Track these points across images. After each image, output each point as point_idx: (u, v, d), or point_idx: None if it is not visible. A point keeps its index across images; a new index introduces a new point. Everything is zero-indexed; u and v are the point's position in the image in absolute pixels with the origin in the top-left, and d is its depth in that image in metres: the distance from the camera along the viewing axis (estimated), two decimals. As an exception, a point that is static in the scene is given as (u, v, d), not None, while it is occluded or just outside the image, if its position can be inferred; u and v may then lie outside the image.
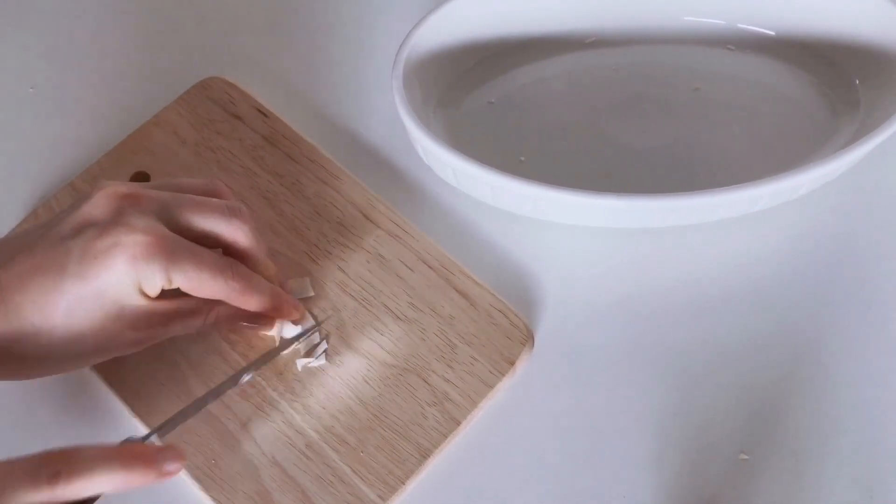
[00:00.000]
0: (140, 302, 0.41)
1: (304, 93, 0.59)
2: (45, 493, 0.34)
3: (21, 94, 0.60)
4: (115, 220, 0.40)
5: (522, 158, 0.54)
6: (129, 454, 0.37)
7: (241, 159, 0.55)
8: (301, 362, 0.47)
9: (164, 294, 0.42)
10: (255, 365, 0.47)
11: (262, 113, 0.56)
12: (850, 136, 0.52)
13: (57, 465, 0.35)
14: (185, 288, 0.41)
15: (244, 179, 0.54)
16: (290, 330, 0.48)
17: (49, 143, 0.57)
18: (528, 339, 0.48)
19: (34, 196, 0.55)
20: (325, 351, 0.48)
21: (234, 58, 0.60)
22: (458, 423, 0.46)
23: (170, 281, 0.41)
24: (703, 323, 0.49)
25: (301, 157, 0.54)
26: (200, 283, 0.41)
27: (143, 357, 0.47)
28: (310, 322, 0.48)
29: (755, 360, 0.48)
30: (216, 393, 0.45)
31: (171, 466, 0.38)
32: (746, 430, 0.46)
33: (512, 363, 0.47)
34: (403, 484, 0.44)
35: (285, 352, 0.48)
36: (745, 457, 0.45)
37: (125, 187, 0.42)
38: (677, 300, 0.50)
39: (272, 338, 0.48)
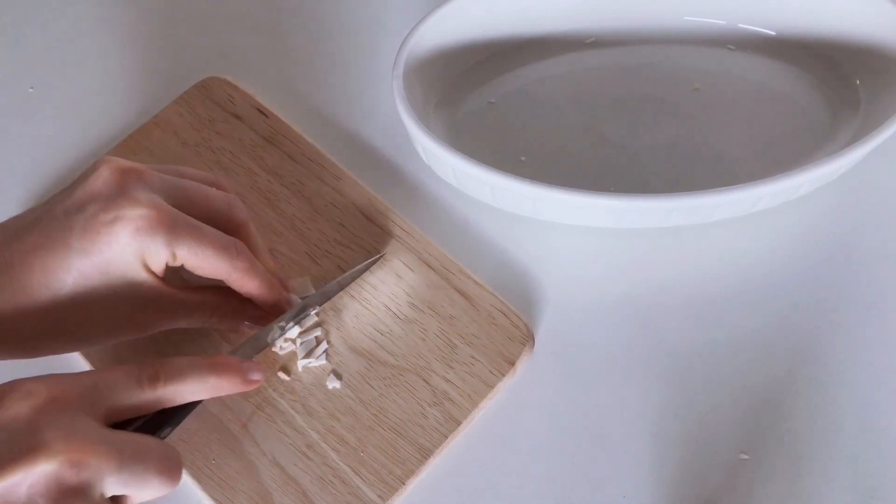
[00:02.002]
0: (147, 280, 0.41)
1: (304, 93, 0.59)
2: (148, 393, 0.38)
3: (21, 94, 0.60)
4: (118, 194, 0.40)
5: (523, 158, 0.54)
6: (219, 363, 0.40)
7: (241, 159, 0.55)
8: (301, 362, 0.47)
9: (173, 283, 0.42)
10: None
11: (262, 113, 0.56)
12: (850, 136, 0.52)
13: (155, 369, 0.38)
14: (188, 264, 0.41)
15: (244, 179, 0.54)
16: (291, 330, 0.48)
17: (49, 143, 0.57)
18: (528, 339, 0.48)
19: (34, 196, 0.55)
20: (325, 351, 0.48)
21: (234, 58, 0.60)
22: (459, 423, 0.46)
23: (174, 255, 0.40)
24: (704, 323, 0.49)
25: (301, 157, 0.54)
26: (204, 258, 0.41)
27: (143, 356, 0.47)
28: (311, 317, 0.49)
29: (755, 360, 0.48)
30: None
31: (255, 375, 0.41)
32: (746, 430, 0.46)
33: (512, 363, 0.47)
34: (404, 484, 0.44)
35: (284, 352, 0.48)
36: (745, 457, 0.45)
37: (128, 162, 0.42)
38: (677, 300, 0.50)
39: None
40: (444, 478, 0.45)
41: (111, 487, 0.35)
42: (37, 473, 0.33)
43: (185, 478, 0.45)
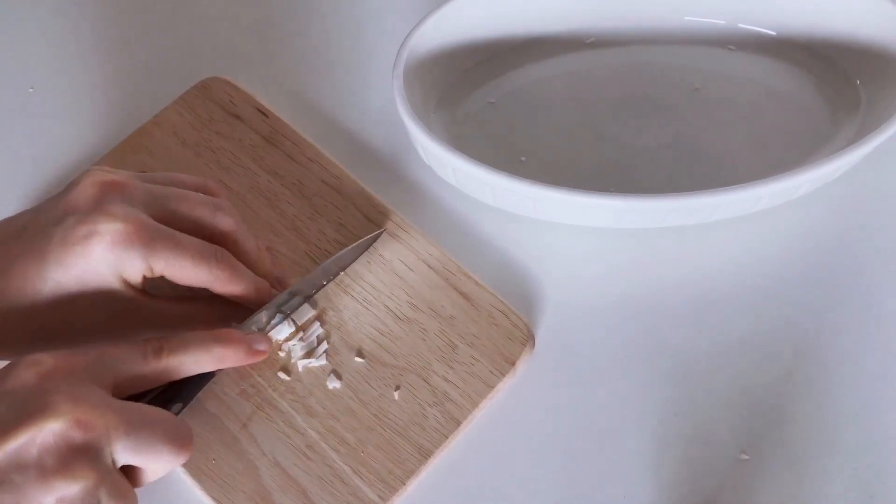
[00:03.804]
0: (125, 292, 0.41)
1: (304, 93, 0.59)
2: (153, 364, 0.39)
3: (21, 94, 0.60)
4: (95, 208, 0.41)
5: (523, 158, 0.54)
6: (223, 333, 0.42)
7: (241, 159, 0.55)
8: (301, 362, 0.47)
9: (157, 292, 0.43)
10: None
11: (262, 113, 0.56)
12: (850, 136, 0.52)
13: (160, 342, 0.40)
14: (167, 275, 0.42)
15: (244, 179, 0.54)
16: (283, 331, 0.48)
17: (49, 143, 0.57)
18: (528, 339, 0.48)
19: (34, 196, 0.55)
20: (325, 351, 0.48)
21: (234, 58, 0.60)
22: (459, 424, 0.46)
23: (150, 269, 0.41)
24: (704, 323, 0.49)
25: (301, 157, 0.54)
26: (182, 269, 0.41)
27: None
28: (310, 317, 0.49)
29: (755, 360, 0.48)
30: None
31: (261, 346, 0.43)
32: (746, 430, 0.46)
33: (512, 363, 0.47)
34: (404, 484, 0.44)
35: (284, 353, 0.48)
36: (745, 457, 0.46)
37: (111, 174, 0.42)
38: (677, 300, 0.50)
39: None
40: (444, 478, 0.45)
41: (121, 454, 0.36)
42: (45, 433, 0.34)
43: (185, 478, 0.45)
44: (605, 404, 0.47)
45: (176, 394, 0.40)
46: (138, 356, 0.39)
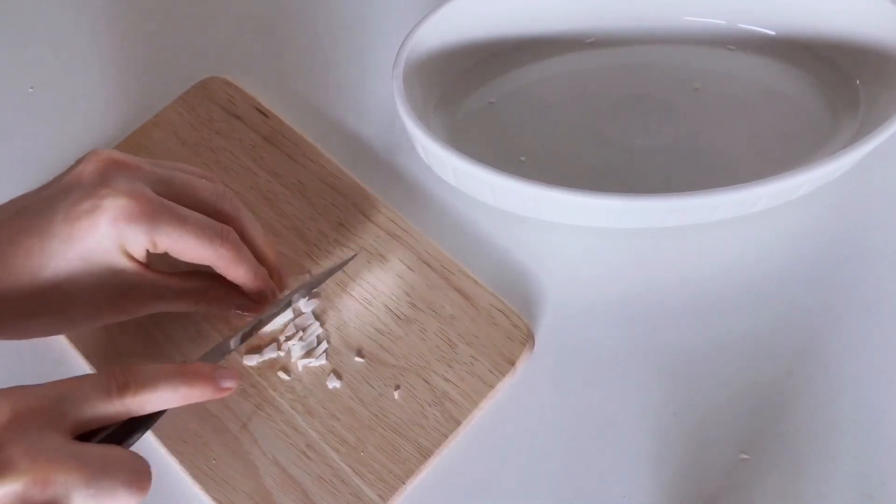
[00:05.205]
0: (128, 266, 0.41)
1: (304, 93, 0.59)
2: (116, 404, 0.36)
3: (21, 94, 0.60)
4: (100, 183, 0.41)
5: (522, 158, 0.54)
6: (190, 371, 0.39)
7: (241, 159, 0.55)
8: (301, 362, 0.47)
9: (158, 267, 0.43)
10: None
11: (262, 113, 0.56)
12: (850, 136, 0.52)
13: (125, 378, 0.37)
14: (171, 251, 0.41)
15: (244, 179, 0.54)
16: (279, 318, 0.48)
17: (49, 143, 0.57)
18: (528, 338, 0.48)
19: (34, 196, 0.55)
20: (325, 351, 0.48)
21: (234, 58, 0.60)
22: (459, 423, 0.46)
23: (154, 244, 0.41)
24: (704, 323, 0.49)
25: (301, 157, 0.54)
26: (186, 246, 0.41)
27: (140, 353, 0.47)
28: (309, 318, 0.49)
29: (755, 360, 0.48)
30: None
31: (227, 383, 0.40)
32: (746, 429, 0.46)
33: (512, 363, 0.47)
34: (404, 483, 0.44)
35: (284, 352, 0.48)
36: (745, 456, 0.45)
37: (117, 153, 0.42)
38: (677, 300, 0.50)
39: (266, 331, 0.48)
40: (444, 478, 0.45)
41: (79, 503, 0.34)
42: (3, 494, 0.32)
43: (185, 478, 0.45)
44: (604, 404, 0.47)
45: (133, 427, 0.38)
46: (102, 395, 0.36)
